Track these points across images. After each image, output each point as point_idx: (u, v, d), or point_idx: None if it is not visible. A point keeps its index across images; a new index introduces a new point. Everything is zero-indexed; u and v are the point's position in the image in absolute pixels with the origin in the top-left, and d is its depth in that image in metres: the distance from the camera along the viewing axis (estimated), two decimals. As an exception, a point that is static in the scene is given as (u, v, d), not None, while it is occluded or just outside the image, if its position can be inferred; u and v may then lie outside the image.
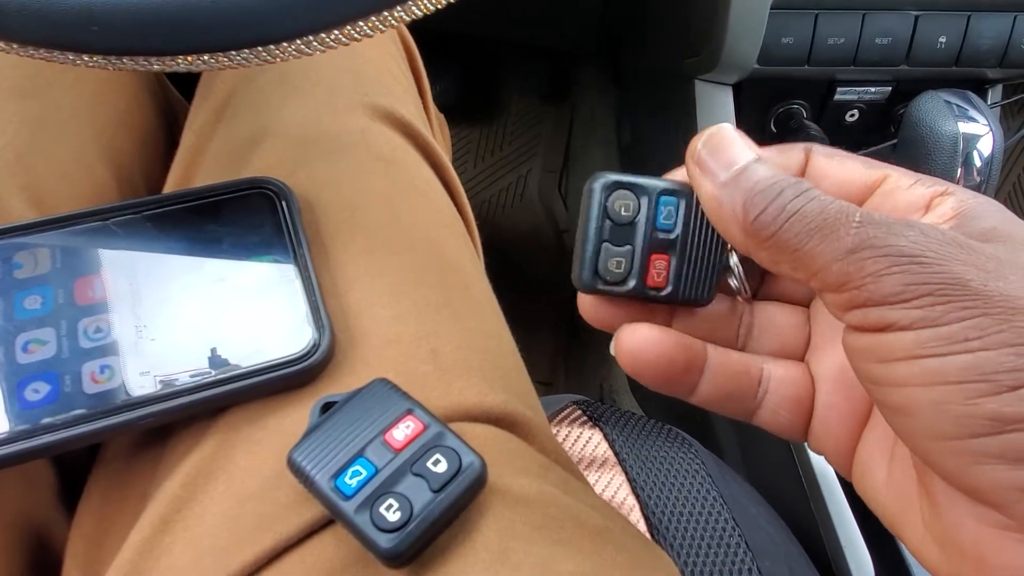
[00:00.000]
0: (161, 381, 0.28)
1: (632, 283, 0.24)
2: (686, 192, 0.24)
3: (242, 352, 0.29)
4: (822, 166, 0.24)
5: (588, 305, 0.26)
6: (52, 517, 0.33)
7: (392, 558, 0.24)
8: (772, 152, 0.25)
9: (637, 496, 0.46)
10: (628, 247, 0.24)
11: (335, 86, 0.39)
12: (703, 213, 0.23)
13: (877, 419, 0.23)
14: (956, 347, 0.18)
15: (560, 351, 1.03)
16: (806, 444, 0.25)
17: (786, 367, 0.25)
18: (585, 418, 0.52)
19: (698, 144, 0.23)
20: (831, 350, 0.25)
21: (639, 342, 0.24)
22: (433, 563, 0.26)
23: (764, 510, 0.50)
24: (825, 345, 0.25)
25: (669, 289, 0.24)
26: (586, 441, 0.49)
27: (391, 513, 0.25)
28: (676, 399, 0.25)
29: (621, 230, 0.24)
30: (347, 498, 0.25)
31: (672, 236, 0.24)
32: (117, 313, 0.29)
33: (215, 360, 0.29)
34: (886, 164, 0.24)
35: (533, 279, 1.07)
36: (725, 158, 0.22)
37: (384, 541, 0.24)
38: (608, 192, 0.24)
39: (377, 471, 0.26)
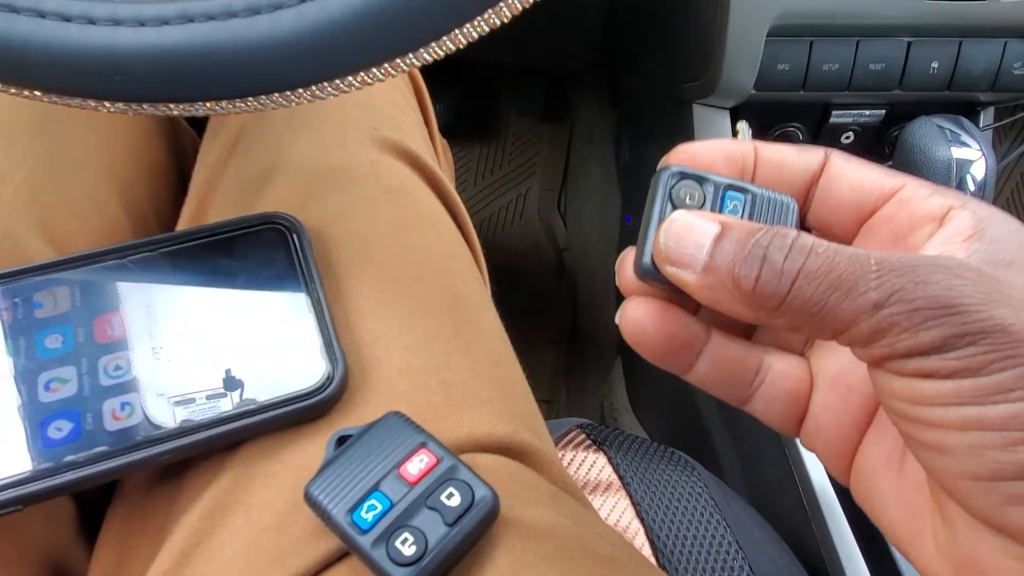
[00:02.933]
0: (179, 417, 0.29)
1: None
2: (752, 190, 0.24)
3: (258, 386, 0.30)
4: (840, 167, 0.24)
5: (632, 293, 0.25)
6: (72, 550, 0.33)
7: None
8: (793, 151, 0.25)
9: (642, 520, 0.46)
10: None
11: (344, 120, 0.40)
12: (769, 212, 0.24)
13: (882, 430, 0.23)
14: (998, 397, 0.18)
15: (560, 369, 1.04)
16: (798, 441, 0.25)
17: (787, 361, 0.25)
18: (589, 442, 0.52)
19: (661, 240, 0.22)
20: (832, 349, 0.25)
21: (643, 315, 0.24)
22: None
23: (767, 532, 0.50)
24: (826, 343, 0.25)
25: None
26: (591, 465, 0.50)
27: (407, 547, 0.25)
28: (677, 419, 0.26)
29: None
30: (364, 532, 0.26)
31: None
32: (136, 350, 0.30)
33: (232, 395, 0.29)
34: (904, 174, 0.24)
35: (533, 297, 1.08)
36: (692, 243, 0.21)
37: (400, 575, 0.25)
38: (675, 180, 0.24)
39: (393, 505, 0.26)
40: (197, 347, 0.30)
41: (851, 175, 0.24)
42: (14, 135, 0.37)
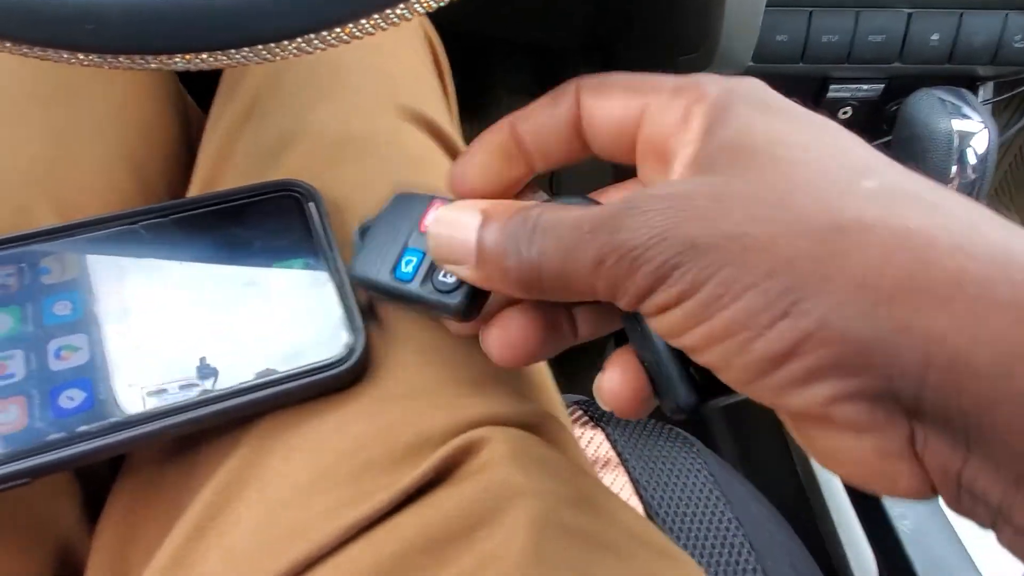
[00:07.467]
0: (197, 387, 0.28)
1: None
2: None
3: (277, 357, 0.28)
4: (590, 108, 0.24)
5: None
6: (75, 528, 0.32)
7: (462, 312, 0.26)
8: (543, 104, 0.25)
9: (640, 496, 0.46)
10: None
11: (363, 87, 0.39)
12: None
13: None
14: (713, 308, 0.18)
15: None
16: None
17: None
18: (587, 418, 0.52)
19: (432, 243, 0.24)
20: None
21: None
22: None
23: (765, 508, 0.50)
24: None
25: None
26: (588, 441, 0.50)
27: (448, 278, 0.26)
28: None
29: None
30: (409, 281, 0.27)
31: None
32: (148, 318, 0.29)
33: (250, 365, 0.28)
34: (647, 83, 0.23)
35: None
36: (460, 238, 0.23)
37: (450, 299, 0.26)
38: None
39: (424, 254, 0.28)
40: (213, 316, 0.29)
41: (601, 113, 0.24)
42: (28, 104, 0.36)
